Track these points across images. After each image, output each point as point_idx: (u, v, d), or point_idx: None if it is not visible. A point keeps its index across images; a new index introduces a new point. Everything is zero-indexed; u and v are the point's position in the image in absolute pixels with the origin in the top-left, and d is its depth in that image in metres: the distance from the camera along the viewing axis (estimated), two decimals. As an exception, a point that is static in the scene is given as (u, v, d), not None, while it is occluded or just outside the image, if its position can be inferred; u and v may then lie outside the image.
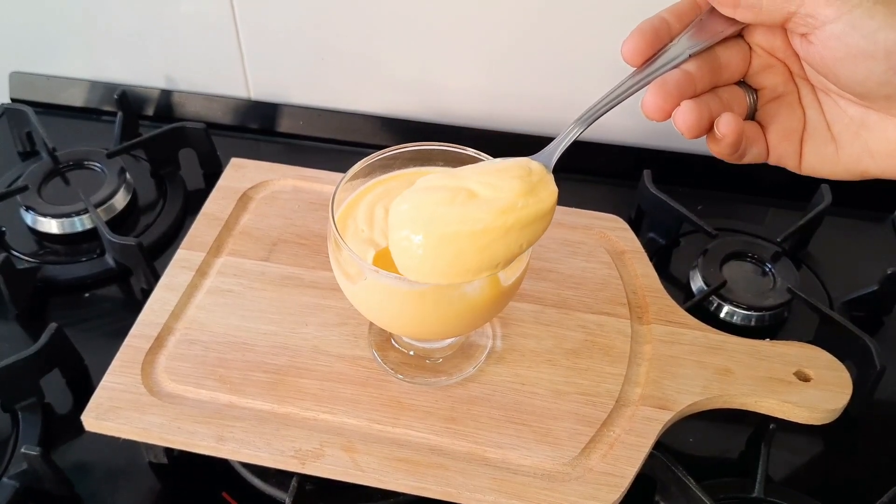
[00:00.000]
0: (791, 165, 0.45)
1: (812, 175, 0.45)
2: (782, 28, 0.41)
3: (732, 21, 0.42)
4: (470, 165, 0.47)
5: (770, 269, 0.69)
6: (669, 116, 0.42)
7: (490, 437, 0.52)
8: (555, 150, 0.47)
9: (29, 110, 0.80)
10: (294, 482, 0.53)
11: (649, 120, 0.42)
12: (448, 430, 0.53)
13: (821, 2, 0.38)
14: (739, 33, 0.44)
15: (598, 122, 0.69)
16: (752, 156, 0.45)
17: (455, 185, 0.45)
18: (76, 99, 0.87)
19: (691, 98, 0.42)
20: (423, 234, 0.44)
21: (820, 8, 0.38)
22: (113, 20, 0.81)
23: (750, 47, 0.44)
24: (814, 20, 0.39)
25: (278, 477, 0.55)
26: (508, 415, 0.53)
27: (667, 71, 0.42)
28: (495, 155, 0.53)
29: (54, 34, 0.84)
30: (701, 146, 0.45)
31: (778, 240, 0.72)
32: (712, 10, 0.43)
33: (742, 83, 0.45)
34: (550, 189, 0.46)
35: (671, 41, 0.43)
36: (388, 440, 0.52)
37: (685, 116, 0.42)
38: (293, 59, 0.81)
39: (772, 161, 0.45)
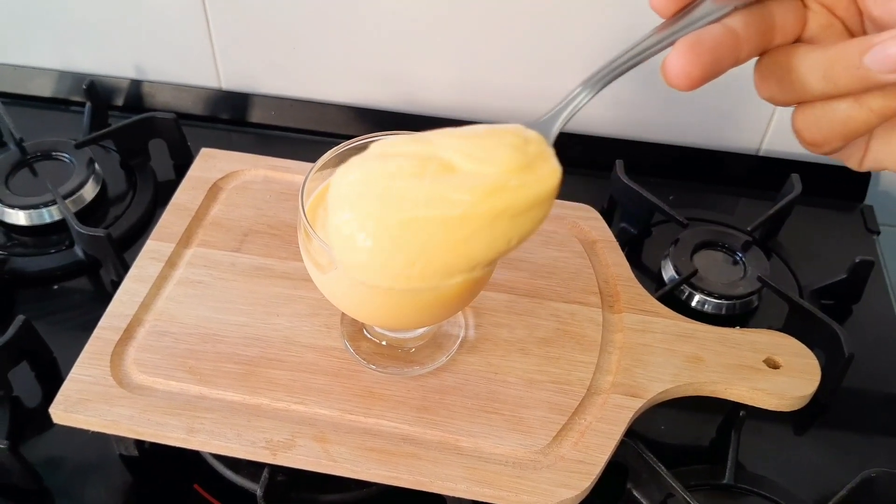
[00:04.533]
0: (855, 159, 0.36)
1: (874, 169, 0.36)
2: None
3: None
4: (446, 129, 0.36)
5: (740, 258, 0.70)
6: (698, 85, 0.32)
7: (462, 426, 0.52)
8: (557, 119, 0.36)
9: (-5, 100, 0.78)
10: (265, 473, 0.53)
11: (670, 87, 0.32)
12: (420, 419, 0.52)
13: None
14: None
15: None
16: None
17: (424, 151, 0.35)
18: (44, 89, 0.85)
19: (732, 66, 0.32)
20: (374, 220, 0.33)
21: None
22: (81, 9, 0.80)
23: (804, 3, 0.35)
24: None
25: (250, 468, 0.55)
26: (481, 404, 0.53)
27: (704, 25, 0.32)
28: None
29: (22, 23, 0.82)
30: (674, 137, 0.43)
31: (748, 229, 0.72)
32: None
33: None
34: (552, 166, 0.35)
35: None
36: (360, 430, 0.52)
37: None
38: (264, 49, 0.80)
39: (836, 154, 0.36)
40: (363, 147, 0.53)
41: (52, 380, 0.61)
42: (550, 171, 0.35)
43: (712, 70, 0.32)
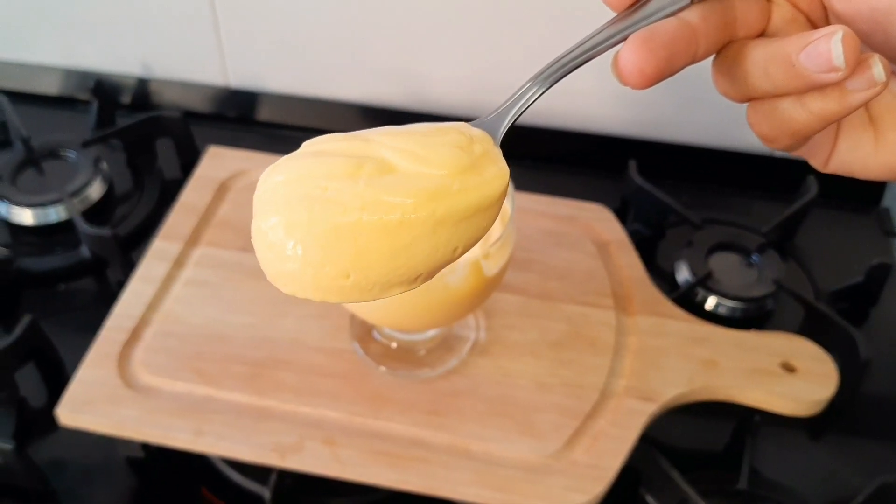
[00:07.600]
0: (819, 158, 0.34)
1: (840, 173, 0.34)
2: None
3: None
4: (385, 127, 0.33)
5: (756, 261, 0.69)
6: (651, 83, 0.30)
7: (473, 429, 0.51)
8: (504, 117, 0.35)
9: (3, 99, 0.78)
10: (273, 476, 0.52)
11: (623, 85, 0.31)
12: (430, 422, 0.52)
13: None
14: None
15: (584, 110, 0.67)
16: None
17: (361, 150, 0.31)
18: (51, 87, 0.85)
19: (689, 62, 0.31)
20: (303, 226, 0.29)
21: None
22: (88, 6, 0.80)
23: None
24: None
25: (257, 471, 0.54)
26: (492, 407, 0.53)
27: (659, 19, 0.31)
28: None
29: (28, 21, 0.82)
30: (688, 137, 0.42)
31: (764, 231, 0.71)
32: None
33: None
34: (499, 167, 0.33)
35: None
36: (369, 433, 0.51)
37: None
38: (273, 46, 0.80)
39: (798, 151, 0.34)
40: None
41: (58, 381, 0.60)
42: (497, 172, 0.32)
43: (667, 67, 0.30)
